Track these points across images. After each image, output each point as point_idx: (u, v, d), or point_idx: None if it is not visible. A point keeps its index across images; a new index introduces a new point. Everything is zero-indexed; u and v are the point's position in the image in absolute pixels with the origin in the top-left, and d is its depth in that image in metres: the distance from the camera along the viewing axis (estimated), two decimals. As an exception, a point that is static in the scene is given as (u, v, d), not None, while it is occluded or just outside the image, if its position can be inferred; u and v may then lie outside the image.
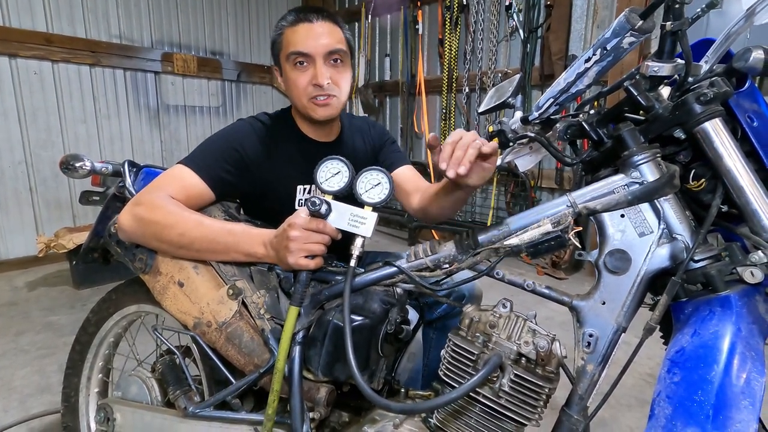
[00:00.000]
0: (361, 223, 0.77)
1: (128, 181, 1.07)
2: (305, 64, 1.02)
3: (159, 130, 3.97)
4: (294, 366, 0.83)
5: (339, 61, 1.04)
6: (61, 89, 3.35)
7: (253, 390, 0.92)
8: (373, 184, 0.78)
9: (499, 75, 3.53)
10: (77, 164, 1.08)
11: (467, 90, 3.74)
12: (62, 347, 2.10)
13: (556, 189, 3.40)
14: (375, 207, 0.78)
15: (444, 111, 3.92)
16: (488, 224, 3.69)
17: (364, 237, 0.79)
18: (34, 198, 3.32)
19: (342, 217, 0.78)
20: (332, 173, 0.80)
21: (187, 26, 4.05)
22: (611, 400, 0.70)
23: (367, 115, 4.53)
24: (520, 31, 3.37)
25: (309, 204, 0.76)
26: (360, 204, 0.78)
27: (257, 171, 1.03)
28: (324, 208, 0.76)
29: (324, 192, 0.79)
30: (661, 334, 0.77)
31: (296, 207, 1.10)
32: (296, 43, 1.01)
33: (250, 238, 0.87)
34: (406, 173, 1.24)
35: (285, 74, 1.06)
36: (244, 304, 0.89)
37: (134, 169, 1.13)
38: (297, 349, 0.83)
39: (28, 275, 3.13)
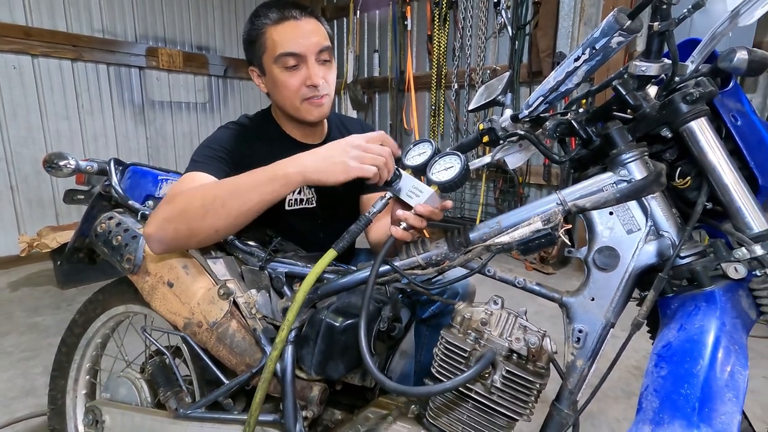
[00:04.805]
0: (417, 195, 0.78)
1: (114, 179, 1.06)
2: (296, 65, 0.99)
3: (144, 126, 3.90)
4: (286, 365, 0.83)
5: (327, 59, 1.03)
6: (41, 84, 3.28)
7: (245, 390, 0.91)
8: (446, 167, 0.79)
9: (488, 71, 3.55)
10: (61, 163, 1.06)
11: (456, 86, 3.75)
12: (47, 348, 2.07)
13: (543, 185, 3.44)
14: (440, 187, 0.78)
15: (433, 107, 3.93)
16: (477, 219, 3.71)
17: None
18: (15, 196, 3.24)
19: (405, 187, 0.80)
20: (419, 153, 0.83)
21: (171, 20, 3.98)
22: (599, 393, 0.71)
23: (356, 111, 4.52)
24: (509, 28, 3.31)
25: None
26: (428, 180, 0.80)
27: (242, 170, 1.01)
28: (393, 175, 0.79)
29: (404, 166, 0.82)
30: (648, 328, 0.79)
31: (286, 207, 1.09)
32: (285, 43, 0.97)
33: (275, 166, 0.80)
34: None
35: (271, 77, 1.02)
36: (235, 303, 0.88)
37: (120, 168, 1.11)
38: (289, 348, 0.83)
39: (10, 275, 3.06)
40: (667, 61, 0.66)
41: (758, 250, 0.59)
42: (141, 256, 0.93)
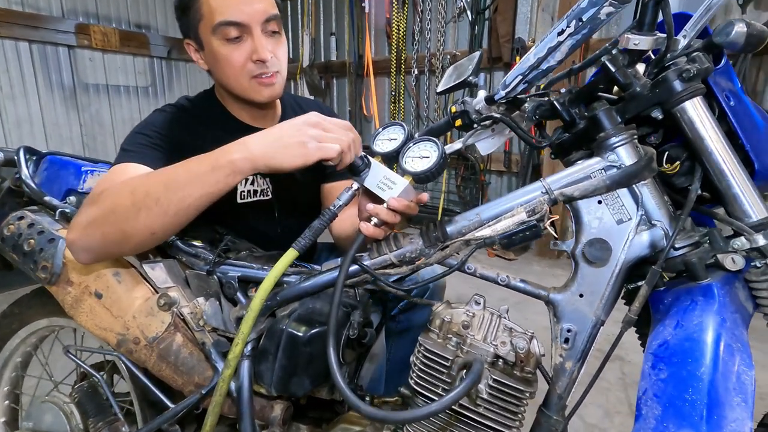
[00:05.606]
0: (389, 187, 0.69)
1: (25, 171, 0.89)
2: (239, 36, 0.85)
3: (77, 111, 3.53)
4: (242, 383, 0.73)
5: (276, 30, 0.89)
6: (-52, 63, 2.86)
7: (194, 413, 0.80)
8: (422, 155, 0.70)
9: (448, 57, 3.49)
10: (-47, 152, 0.87)
11: (416, 72, 3.67)
12: (-36, 366, 1.81)
13: (504, 172, 3.45)
14: (415, 178, 0.69)
15: (393, 93, 3.83)
16: (440, 208, 3.66)
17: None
18: None
19: (375, 177, 0.71)
20: (389, 138, 0.73)
21: (105, -6, 3.60)
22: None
23: (313, 97, 4.33)
24: (468, 13, 3.33)
25: None
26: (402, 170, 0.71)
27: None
28: (360, 163, 0.70)
29: (373, 152, 0.73)
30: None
31: (238, 200, 0.97)
32: (224, 10, 0.83)
33: (217, 153, 0.67)
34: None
35: (211, 50, 0.88)
36: (179, 315, 0.76)
37: (34, 158, 0.94)
38: (245, 364, 0.73)
39: None
40: (660, 34, 0.61)
41: (760, 239, 0.55)
42: (60, 263, 0.78)
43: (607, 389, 1.73)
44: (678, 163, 0.67)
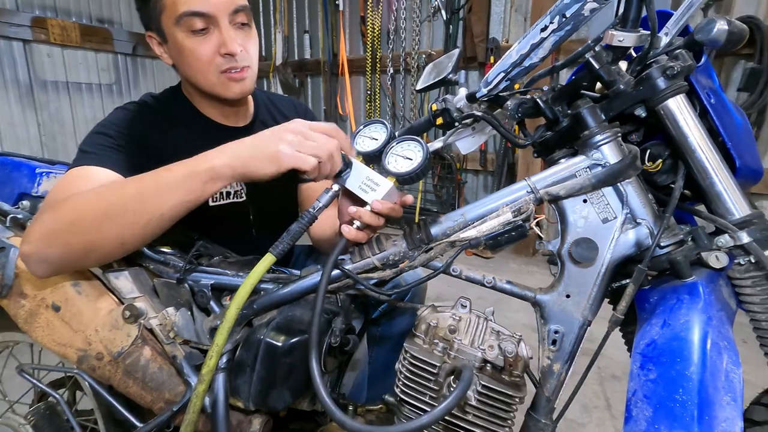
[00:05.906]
0: (372, 189, 0.66)
1: (-30, 174, 0.81)
2: (205, 28, 0.80)
3: (35, 110, 3.34)
4: (217, 397, 0.68)
5: (245, 21, 0.85)
6: None
7: None
8: (405, 155, 0.67)
9: (423, 56, 3.49)
10: None
11: (391, 71, 3.65)
12: None
13: (480, 171, 3.48)
14: (398, 179, 0.67)
15: (369, 92, 3.80)
16: (417, 209, 3.65)
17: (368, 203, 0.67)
18: None
19: (357, 178, 0.68)
20: (371, 136, 0.71)
21: (63, -14, 3.43)
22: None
23: (287, 96, 4.25)
24: (443, 12, 3.34)
25: None
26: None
27: (152, 162, 0.81)
28: (341, 164, 0.66)
29: (356, 152, 0.70)
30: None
31: (210, 203, 0.92)
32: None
33: (196, 159, 0.63)
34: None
35: (175, 43, 0.82)
36: (147, 327, 0.71)
37: (-19, 159, 0.86)
38: (220, 377, 0.68)
39: None
40: (644, 31, 0.60)
41: (744, 237, 0.55)
42: (12, 274, 0.71)
43: (584, 384, 1.75)
44: (660, 161, 0.67)
